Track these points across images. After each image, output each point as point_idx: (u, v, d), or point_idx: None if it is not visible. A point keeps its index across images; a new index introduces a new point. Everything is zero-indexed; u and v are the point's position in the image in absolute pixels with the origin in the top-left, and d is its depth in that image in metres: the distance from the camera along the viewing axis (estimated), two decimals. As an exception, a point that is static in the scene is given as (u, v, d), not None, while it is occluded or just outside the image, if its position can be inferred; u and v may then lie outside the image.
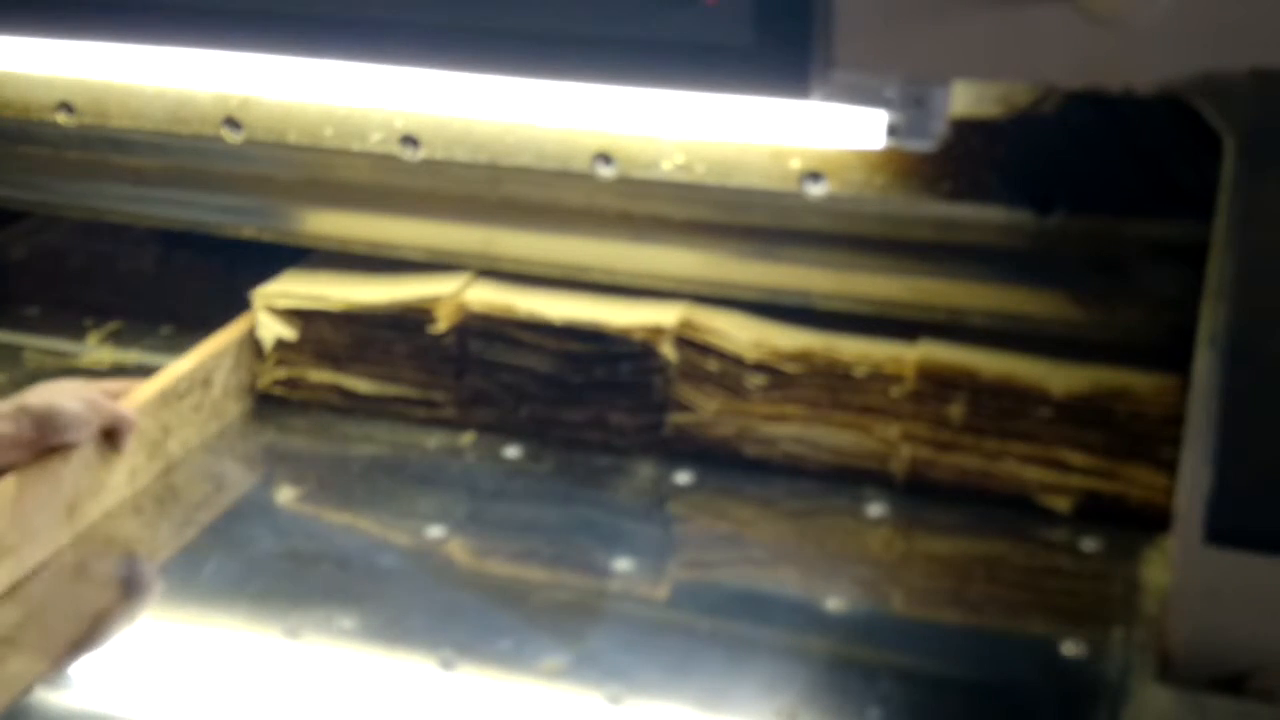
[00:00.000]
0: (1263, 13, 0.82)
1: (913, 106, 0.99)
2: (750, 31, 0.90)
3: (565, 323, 1.15)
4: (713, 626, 1.00)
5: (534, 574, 1.05)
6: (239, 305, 1.25)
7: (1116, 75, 0.89)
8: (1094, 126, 1.02)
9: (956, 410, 1.08)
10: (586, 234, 1.16)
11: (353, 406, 1.24)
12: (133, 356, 1.33)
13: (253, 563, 1.05)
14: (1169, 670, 0.93)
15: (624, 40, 0.91)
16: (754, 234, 1.12)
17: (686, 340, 1.14)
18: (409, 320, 1.19)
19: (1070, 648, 0.95)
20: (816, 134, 1.04)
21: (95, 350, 1.35)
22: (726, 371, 1.14)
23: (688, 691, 0.93)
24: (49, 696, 0.92)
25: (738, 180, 1.09)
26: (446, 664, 0.95)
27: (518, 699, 0.92)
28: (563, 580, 1.04)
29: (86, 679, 0.94)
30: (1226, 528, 0.72)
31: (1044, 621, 0.98)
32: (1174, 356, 1.03)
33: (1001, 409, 1.08)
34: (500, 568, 1.06)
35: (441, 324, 1.18)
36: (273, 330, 1.23)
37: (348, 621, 0.99)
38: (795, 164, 1.07)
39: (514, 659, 0.96)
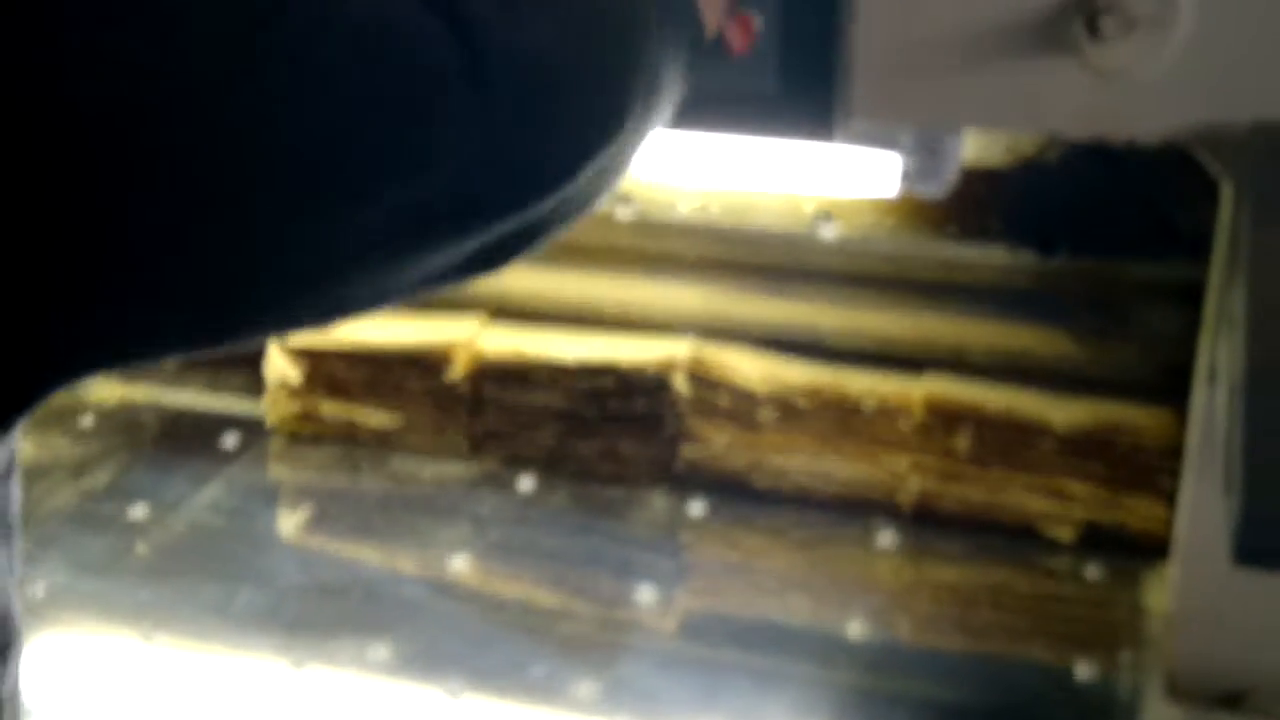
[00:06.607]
0: (1263, 67, 0.88)
1: (926, 153, 1.04)
2: (776, 79, 0.94)
3: (579, 362, 1.18)
4: (734, 657, 1.03)
5: (557, 604, 1.08)
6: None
7: (1121, 126, 0.93)
8: (1095, 173, 1.07)
9: (962, 443, 1.13)
10: (601, 271, 1.19)
11: (365, 440, 1.26)
12: (140, 392, 1.34)
13: (283, 594, 1.07)
14: (1175, 690, 0.98)
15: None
16: (765, 272, 1.16)
17: (699, 376, 1.17)
18: (422, 361, 1.21)
19: (1083, 671, 1.00)
20: (832, 179, 1.08)
21: (102, 387, 1.35)
22: (738, 405, 1.17)
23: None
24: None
25: (752, 222, 1.13)
26: (481, 692, 0.97)
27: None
28: (586, 610, 1.07)
29: (120, 711, 0.95)
30: (1255, 549, 0.77)
31: (1056, 647, 1.03)
32: (1170, 390, 1.08)
33: (1006, 442, 1.12)
34: (524, 598, 1.09)
35: (457, 369, 1.21)
36: (280, 371, 1.25)
37: (381, 651, 1.01)
38: (808, 206, 1.11)
39: (547, 688, 0.98)
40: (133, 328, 0.50)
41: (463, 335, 1.22)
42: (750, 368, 1.17)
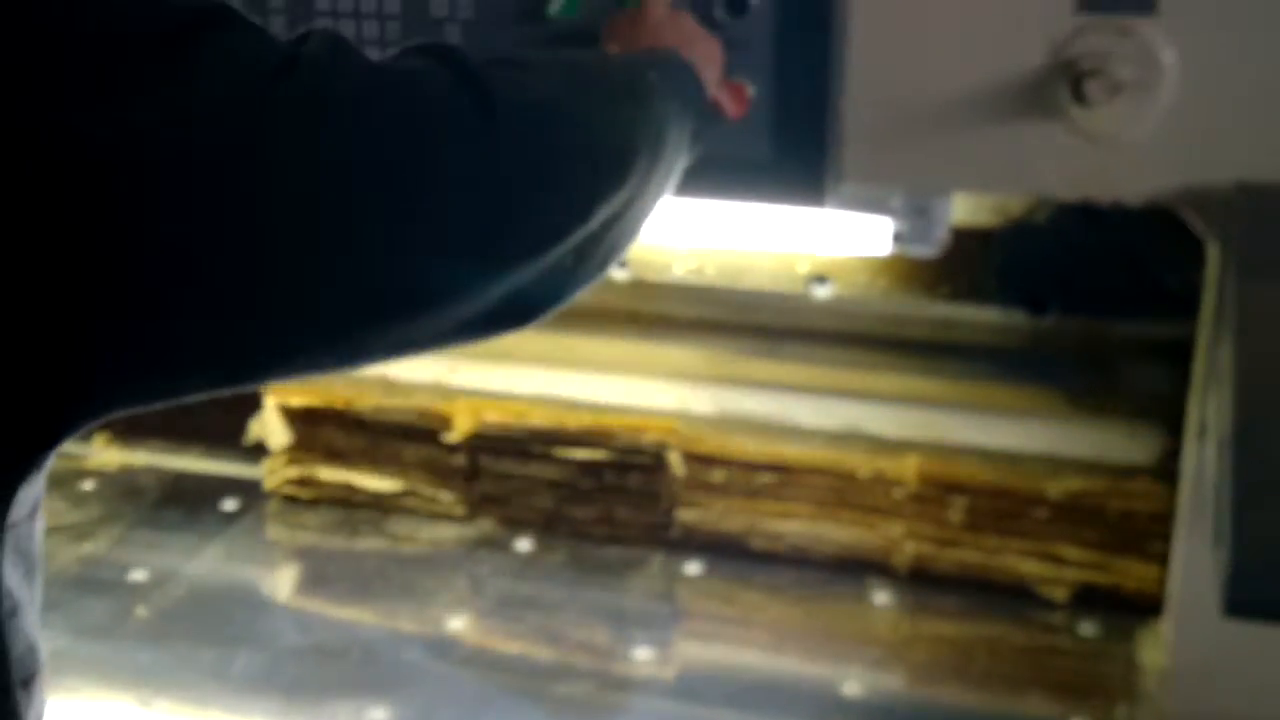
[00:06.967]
0: (1245, 130, 0.89)
1: (916, 215, 1.05)
2: (770, 146, 0.96)
3: (576, 432, 1.19)
4: (732, 716, 1.03)
5: (555, 664, 1.08)
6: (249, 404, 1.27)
7: (1108, 188, 0.95)
8: (1083, 234, 1.08)
9: (956, 512, 1.13)
10: (597, 331, 1.21)
11: (363, 503, 1.26)
12: (140, 456, 1.35)
13: (281, 657, 1.07)
14: (1171, 744, 0.99)
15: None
16: (760, 332, 1.17)
17: (693, 454, 1.18)
18: (421, 425, 1.22)
19: (1080, 726, 1.00)
20: (824, 241, 1.10)
21: (102, 452, 1.36)
22: (733, 476, 1.17)
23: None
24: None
25: (747, 283, 1.14)
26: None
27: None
28: (583, 671, 1.07)
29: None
30: (1246, 601, 0.77)
31: (1053, 702, 1.03)
32: (1160, 450, 1.09)
33: (999, 508, 1.12)
34: (521, 659, 1.09)
35: (454, 436, 1.22)
36: (278, 436, 1.26)
37: (379, 713, 1.01)
38: (802, 267, 1.13)
39: (548, 749, 0.98)
40: (156, 359, 0.51)
41: (460, 403, 1.22)
42: (744, 442, 1.17)
